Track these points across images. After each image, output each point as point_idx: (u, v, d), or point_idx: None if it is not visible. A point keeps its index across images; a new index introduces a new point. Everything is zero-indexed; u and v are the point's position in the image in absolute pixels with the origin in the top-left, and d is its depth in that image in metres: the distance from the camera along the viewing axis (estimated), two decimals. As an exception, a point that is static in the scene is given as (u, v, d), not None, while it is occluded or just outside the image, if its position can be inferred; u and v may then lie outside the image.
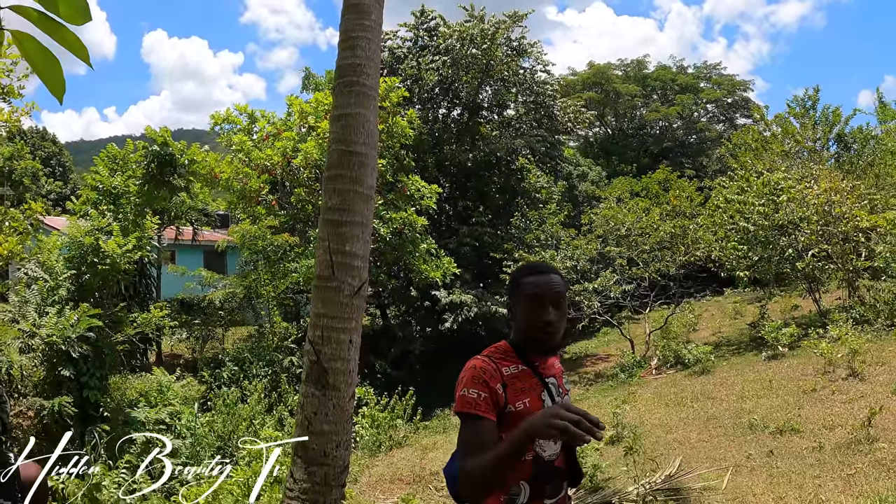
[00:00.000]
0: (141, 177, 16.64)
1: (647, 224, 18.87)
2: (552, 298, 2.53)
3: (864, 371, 10.19)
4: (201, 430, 11.37)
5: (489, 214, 23.29)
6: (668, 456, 7.92)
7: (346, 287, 3.51)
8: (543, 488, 2.51)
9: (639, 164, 38.91)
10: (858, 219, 14.70)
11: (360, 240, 3.57)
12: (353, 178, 3.61)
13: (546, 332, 2.52)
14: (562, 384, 2.66)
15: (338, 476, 3.54)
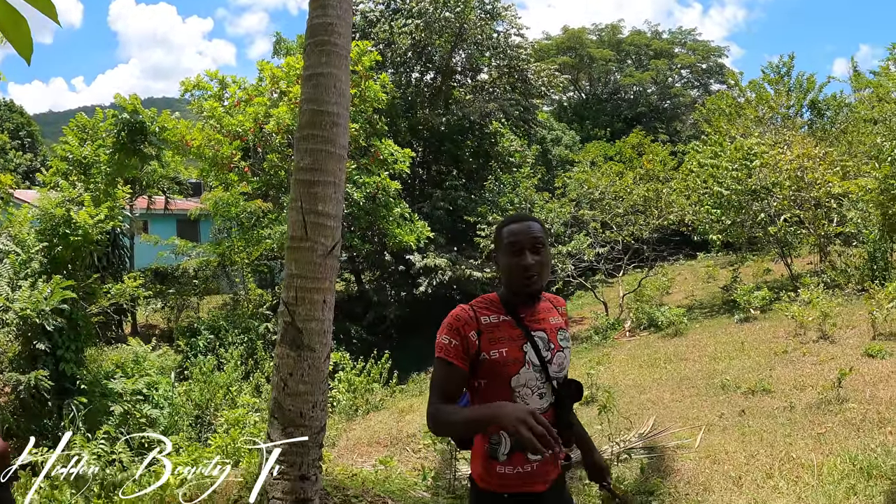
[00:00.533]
0: (111, 146, 16.35)
1: (620, 188, 18.94)
2: (529, 244, 2.55)
3: (835, 334, 10.38)
4: (178, 399, 11.34)
5: (463, 178, 23.25)
6: (641, 416, 8.04)
7: (319, 247, 3.49)
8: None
9: (613, 128, 38.97)
10: (830, 185, 14.86)
11: (333, 199, 3.54)
12: (324, 137, 3.57)
13: (525, 277, 2.54)
14: (555, 340, 2.64)
15: (315, 436, 3.56)
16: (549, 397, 2.59)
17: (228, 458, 6.58)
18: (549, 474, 2.61)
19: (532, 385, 2.54)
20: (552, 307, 2.77)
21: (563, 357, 2.64)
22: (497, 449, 2.46)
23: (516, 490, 2.55)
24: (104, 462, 6.58)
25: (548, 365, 2.57)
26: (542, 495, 2.59)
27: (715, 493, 5.36)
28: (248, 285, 16.46)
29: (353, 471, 6.14)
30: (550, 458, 2.60)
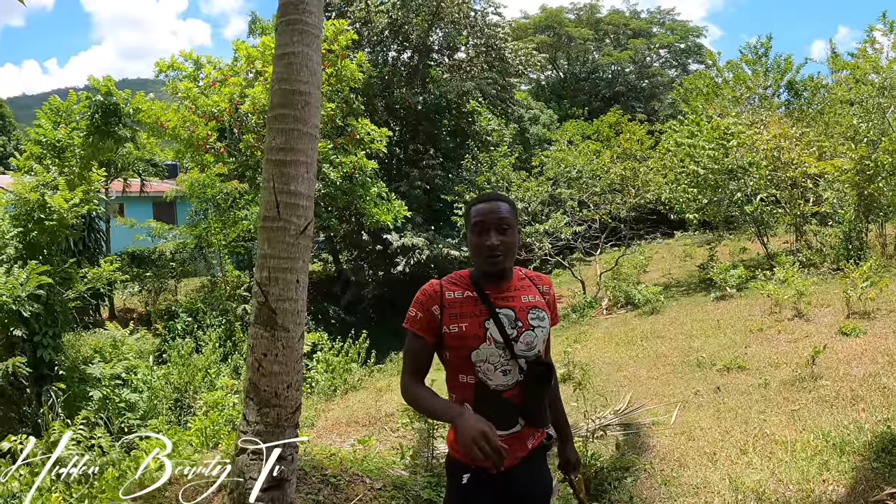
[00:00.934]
0: (85, 129, 16.13)
1: (597, 166, 18.98)
2: (495, 224, 2.59)
3: (810, 312, 10.51)
4: (157, 383, 11.30)
5: (440, 157, 23.22)
6: (618, 393, 8.12)
7: (292, 227, 3.47)
8: (488, 416, 2.49)
9: (590, 107, 38.96)
10: (807, 165, 15.00)
11: (305, 179, 3.52)
12: (296, 117, 3.54)
13: (490, 256, 2.58)
14: (524, 318, 2.64)
15: (290, 416, 3.55)
16: (515, 375, 2.61)
17: (208, 440, 6.59)
18: (516, 451, 2.64)
19: (494, 361, 2.58)
20: (531, 285, 2.78)
21: (532, 336, 2.65)
22: None
23: (481, 463, 2.51)
24: (83, 448, 6.56)
25: (513, 343, 2.59)
26: (509, 471, 2.60)
27: (690, 469, 5.44)
28: (226, 267, 16.37)
29: (332, 451, 6.15)
30: (524, 435, 2.68)
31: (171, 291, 20.48)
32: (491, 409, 2.55)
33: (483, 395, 2.59)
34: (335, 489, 5.07)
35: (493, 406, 2.57)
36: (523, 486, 2.74)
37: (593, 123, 28.57)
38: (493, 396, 2.59)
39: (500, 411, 2.59)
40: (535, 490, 2.80)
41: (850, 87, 18.04)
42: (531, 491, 2.78)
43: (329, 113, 16.18)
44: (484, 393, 2.59)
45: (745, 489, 4.85)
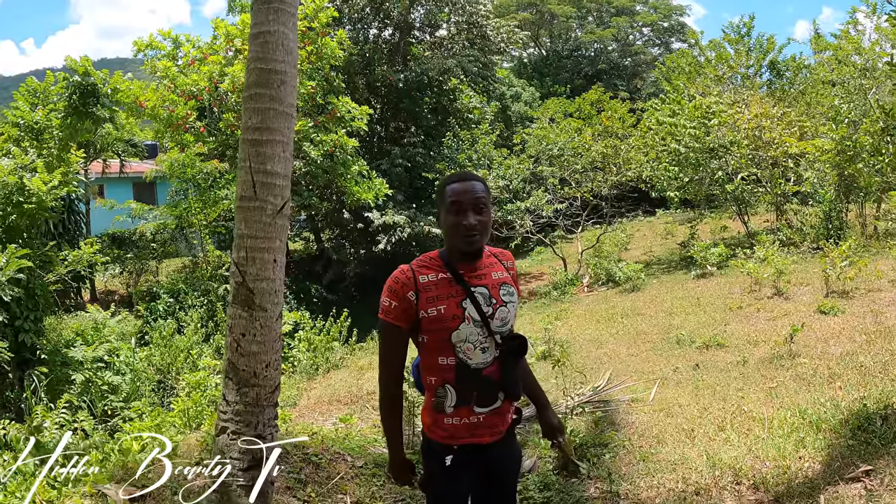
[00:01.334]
0: (63, 110, 15.91)
1: (579, 144, 18.99)
2: (472, 204, 2.58)
3: (789, 290, 10.62)
4: (140, 365, 11.25)
5: (421, 135, 23.11)
6: (598, 370, 8.18)
7: (269, 206, 3.46)
8: (470, 395, 2.61)
9: (573, 85, 38.80)
10: (788, 145, 15.09)
11: (282, 159, 3.50)
12: (272, 96, 3.52)
13: (467, 236, 2.58)
14: (497, 295, 2.67)
15: (269, 396, 3.56)
16: (492, 352, 2.63)
17: (191, 421, 6.59)
18: (497, 426, 2.69)
19: (474, 340, 2.59)
20: (497, 261, 2.79)
21: (506, 312, 2.67)
22: (443, 402, 2.62)
23: (464, 441, 2.64)
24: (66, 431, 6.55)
25: (489, 320, 2.61)
26: (488, 446, 2.68)
27: (668, 446, 5.49)
28: (207, 247, 16.25)
29: (314, 429, 6.18)
30: (504, 409, 2.71)
31: (152, 273, 20.36)
32: (473, 388, 2.61)
33: (464, 374, 2.60)
34: (316, 467, 5.10)
35: (474, 384, 2.61)
36: (502, 462, 2.81)
37: (575, 101, 28.52)
38: (473, 375, 2.60)
39: (482, 389, 2.62)
40: (511, 465, 2.88)
41: (832, 68, 18.14)
42: (508, 466, 2.86)
43: (309, 91, 16.06)
44: (465, 373, 2.60)
45: (723, 465, 4.90)
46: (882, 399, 5.34)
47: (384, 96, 23.14)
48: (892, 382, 5.72)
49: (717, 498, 4.54)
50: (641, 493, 4.80)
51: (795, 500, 4.29)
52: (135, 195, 24.36)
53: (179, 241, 20.04)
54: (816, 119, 17.63)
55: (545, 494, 4.95)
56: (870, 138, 12.66)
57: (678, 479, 4.87)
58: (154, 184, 22.57)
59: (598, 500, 4.80)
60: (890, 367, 6.18)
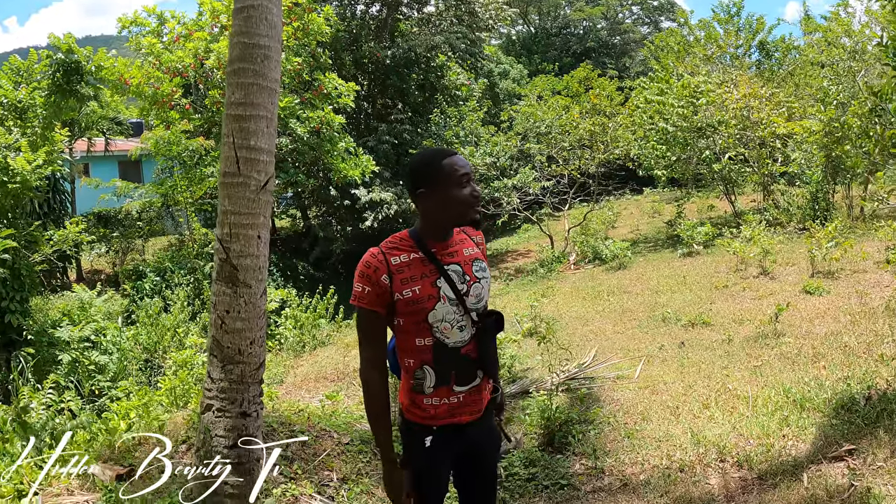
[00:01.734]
0: (47, 88, 15.70)
1: (567, 122, 18.91)
2: (470, 175, 2.57)
3: (775, 270, 10.67)
4: (127, 344, 11.20)
5: (408, 112, 22.91)
6: (584, 347, 8.21)
7: (253, 182, 3.43)
8: (449, 374, 2.57)
9: (561, 63, 38.59)
10: (776, 125, 15.09)
11: (265, 134, 3.47)
12: (256, 71, 3.48)
13: (476, 205, 2.56)
14: (470, 272, 2.62)
15: (254, 373, 3.56)
16: (469, 330, 2.59)
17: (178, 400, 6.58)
18: (477, 404, 2.66)
19: (450, 319, 2.55)
20: (466, 238, 2.75)
21: (480, 288, 2.64)
22: (422, 383, 2.58)
23: (444, 422, 2.60)
24: (53, 412, 6.54)
25: (464, 298, 2.57)
26: (468, 426, 2.65)
27: (653, 423, 5.53)
28: (193, 225, 16.15)
29: (300, 406, 6.18)
30: (482, 387, 2.67)
31: (138, 251, 20.26)
32: (451, 367, 2.57)
33: (442, 354, 2.56)
34: (303, 444, 5.11)
35: (453, 364, 2.57)
36: (483, 441, 2.77)
37: (563, 79, 28.41)
38: (452, 354, 2.56)
39: (461, 368, 2.59)
40: (492, 444, 2.84)
41: (821, 50, 18.15)
42: (489, 446, 2.83)
43: (296, 67, 15.90)
44: (443, 352, 2.56)
45: (707, 443, 4.94)
46: (866, 379, 5.39)
47: (371, 73, 22.92)
48: (876, 363, 5.76)
49: (701, 475, 4.58)
50: (626, 470, 4.84)
51: (779, 478, 4.33)
52: (120, 173, 24.19)
53: (165, 219, 19.95)
54: (805, 100, 17.63)
55: (530, 471, 4.99)
56: (858, 120, 12.67)
57: (663, 456, 4.91)
58: (139, 162, 22.41)
59: (582, 476, 4.84)
60: (874, 347, 6.23)
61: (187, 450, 4.80)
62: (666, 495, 4.38)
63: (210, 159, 15.23)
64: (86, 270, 20.14)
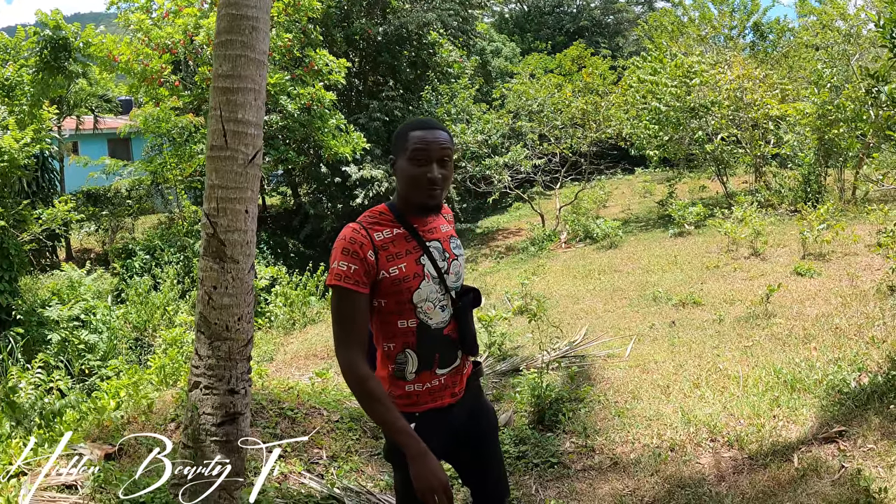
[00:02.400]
0: (35, 65, 15.53)
1: (559, 100, 18.83)
2: (438, 155, 2.39)
3: (766, 251, 10.68)
4: (116, 322, 11.18)
5: (400, 89, 22.73)
6: (574, 325, 8.22)
7: (240, 156, 3.37)
8: (432, 357, 2.47)
9: (554, 41, 38.42)
10: (769, 107, 15.07)
11: (253, 107, 3.40)
12: (244, 43, 3.40)
13: (430, 190, 2.39)
14: (449, 248, 2.54)
15: (242, 349, 3.51)
16: (449, 308, 2.50)
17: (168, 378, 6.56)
18: (458, 385, 2.57)
19: (433, 299, 2.45)
20: (440, 215, 2.64)
21: (458, 266, 2.56)
22: (404, 368, 2.45)
23: (427, 407, 2.49)
24: (42, 392, 6.52)
25: (445, 276, 2.49)
26: (451, 407, 2.55)
27: (643, 402, 5.54)
28: (183, 202, 16.07)
29: (290, 384, 6.17)
30: (461, 367, 2.58)
31: (127, 229, 20.17)
32: (435, 350, 2.47)
33: (426, 336, 2.44)
34: (292, 422, 5.10)
35: (436, 346, 2.47)
36: (472, 421, 2.65)
37: (556, 58, 28.31)
38: (434, 336, 2.46)
39: (444, 349, 2.49)
40: (484, 422, 2.71)
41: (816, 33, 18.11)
42: (485, 424, 2.71)
43: (286, 44, 15.76)
44: (426, 334, 2.44)
45: (697, 422, 4.95)
46: (856, 361, 5.40)
47: (362, 49, 22.73)
48: (867, 345, 5.77)
49: (691, 454, 4.59)
50: (616, 448, 4.84)
51: (769, 458, 4.34)
52: (109, 151, 24.06)
53: (155, 197, 19.85)
54: (798, 82, 17.62)
55: (520, 448, 4.98)
56: (851, 104, 12.65)
57: (653, 435, 4.92)
58: (129, 139, 22.24)
59: (573, 454, 4.84)
60: (864, 329, 6.24)
61: (176, 428, 4.78)
62: (656, 474, 4.38)
63: (200, 136, 15.12)
64: (75, 249, 20.04)
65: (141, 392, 5.44)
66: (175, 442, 4.34)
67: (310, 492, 4.24)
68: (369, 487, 4.46)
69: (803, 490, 3.91)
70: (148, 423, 4.87)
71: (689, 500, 4.01)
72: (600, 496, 4.23)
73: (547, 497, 4.27)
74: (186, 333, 8.17)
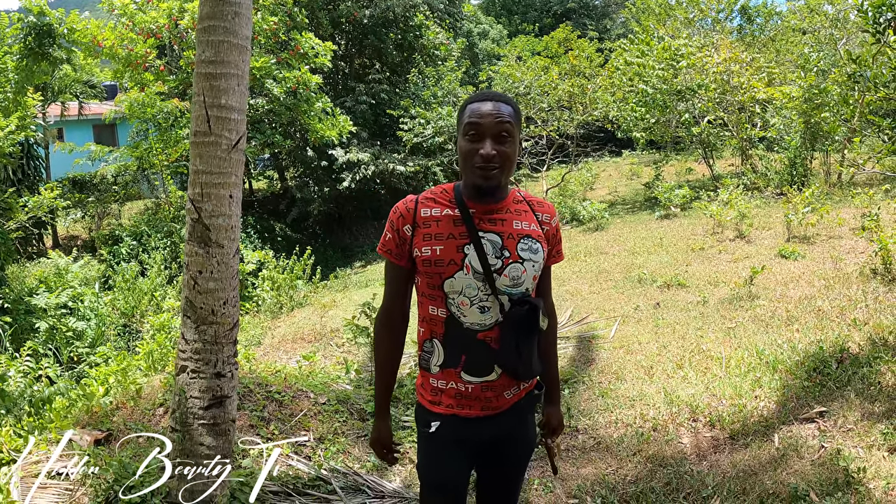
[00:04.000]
0: (19, 52, 15.41)
1: (546, 82, 18.84)
2: (493, 129, 2.14)
3: (751, 234, 10.73)
4: (104, 309, 11.16)
5: (386, 72, 22.71)
6: (559, 307, 8.22)
7: (224, 141, 3.38)
8: (458, 357, 2.24)
9: (541, 24, 38.34)
10: (756, 90, 15.11)
11: (237, 92, 3.41)
12: (226, 28, 3.40)
13: (482, 168, 2.15)
14: (512, 248, 2.21)
15: (228, 333, 3.54)
16: (495, 314, 2.21)
17: (156, 364, 6.59)
18: (491, 402, 2.29)
19: (471, 295, 2.18)
20: (528, 210, 2.34)
21: (519, 270, 2.22)
22: (429, 358, 2.30)
23: (450, 411, 2.28)
24: (31, 380, 6.53)
25: (495, 275, 2.19)
26: (478, 421, 2.30)
27: (627, 382, 5.60)
28: (169, 188, 16.01)
29: (277, 367, 6.20)
30: (500, 385, 2.28)
31: (114, 216, 20.05)
32: (461, 350, 2.23)
33: (454, 332, 2.22)
34: (280, 405, 5.13)
35: (464, 347, 2.23)
36: (499, 443, 2.37)
37: (543, 40, 28.24)
38: (465, 336, 2.21)
39: (473, 354, 2.23)
40: (512, 449, 2.43)
41: (803, 17, 18.17)
42: (508, 450, 2.41)
43: (272, 27, 15.70)
44: (456, 330, 2.22)
45: (680, 402, 5.01)
46: (838, 343, 5.46)
47: (348, 32, 22.63)
48: (849, 327, 5.83)
49: (673, 434, 4.66)
50: (600, 429, 4.90)
51: (750, 437, 4.41)
52: (95, 137, 23.86)
53: (141, 183, 19.73)
54: (785, 66, 17.67)
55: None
56: (837, 87, 12.71)
57: (636, 415, 4.98)
58: (114, 125, 22.06)
59: (556, 435, 4.89)
60: (847, 312, 6.29)
61: (165, 413, 4.81)
62: (639, 454, 4.45)
63: (185, 121, 15.06)
64: (62, 236, 19.93)
65: (129, 378, 5.47)
66: (164, 426, 4.38)
67: (297, 473, 4.28)
68: (356, 469, 4.51)
69: (783, 469, 3.97)
70: (137, 409, 4.89)
71: (670, 479, 4.07)
72: (584, 475, 4.29)
73: (531, 477, 4.33)
74: (174, 319, 8.19)
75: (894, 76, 9.48)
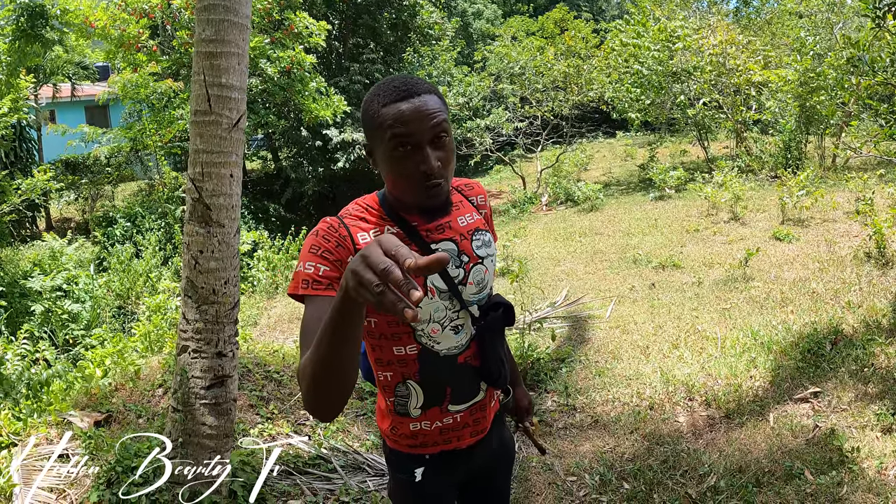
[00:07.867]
0: (11, 34, 15.23)
1: (540, 63, 18.77)
2: (428, 134, 1.64)
3: (746, 216, 10.79)
4: (99, 291, 11.13)
5: (380, 51, 22.56)
6: (555, 287, 8.31)
7: (224, 120, 3.38)
8: (442, 391, 1.86)
9: (536, 4, 38.13)
10: (751, 73, 15.09)
11: (237, 71, 3.40)
12: (226, 7, 3.39)
13: (429, 186, 1.67)
14: (469, 249, 1.84)
15: (228, 313, 3.55)
16: (468, 329, 1.85)
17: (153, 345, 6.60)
18: (480, 423, 1.97)
19: (441, 319, 1.79)
20: (462, 199, 1.95)
21: (482, 272, 1.87)
22: (406, 403, 1.87)
23: (439, 448, 1.92)
24: (28, 363, 6.54)
25: (460, 287, 1.82)
26: (472, 448, 1.98)
27: (623, 361, 5.64)
28: (163, 169, 15.91)
29: (275, 347, 6.22)
30: (487, 400, 1.97)
31: (108, 197, 19.94)
32: (445, 383, 1.86)
33: (432, 366, 1.82)
34: (278, 385, 5.16)
35: (447, 378, 1.85)
36: (490, 458, 2.10)
37: (538, 20, 28.14)
38: (445, 365, 1.83)
39: (458, 382, 1.87)
40: (502, 459, 2.17)
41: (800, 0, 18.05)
42: (498, 462, 2.16)
43: (266, 6, 15.56)
44: (432, 363, 1.82)
45: (676, 381, 5.07)
46: (832, 324, 5.52)
47: (343, 12, 22.45)
48: (843, 309, 5.90)
49: (670, 413, 4.71)
50: (597, 407, 4.95)
51: (746, 417, 4.47)
52: (88, 119, 23.73)
53: (135, 164, 19.64)
54: (781, 49, 17.62)
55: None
56: (833, 72, 12.70)
57: (632, 394, 5.03)
58: (107, 106, 21.92)
59: (554, 413, 4.94)
60: (841, 294, 6.37)
61: (164, 393, 4.83)
62: (636, 432, 4.49)
63: (179, 101, 14.95)
64: (55, 219, 19.86)
65: (127, 359, 5.47)
66: (164, 407, 4.39)
67: (297, 452, 4.32)
68: (356, 447, 4.54)
69: (778, 448, 4.03)
70: (136, 390, 4.91)
71: (667, 456, 4.12)
72: (581, 453, 4.33)
73: (529, 454, 4.37)
74: (170, 300, 8.18)
75: (892, 60, 9.45)
